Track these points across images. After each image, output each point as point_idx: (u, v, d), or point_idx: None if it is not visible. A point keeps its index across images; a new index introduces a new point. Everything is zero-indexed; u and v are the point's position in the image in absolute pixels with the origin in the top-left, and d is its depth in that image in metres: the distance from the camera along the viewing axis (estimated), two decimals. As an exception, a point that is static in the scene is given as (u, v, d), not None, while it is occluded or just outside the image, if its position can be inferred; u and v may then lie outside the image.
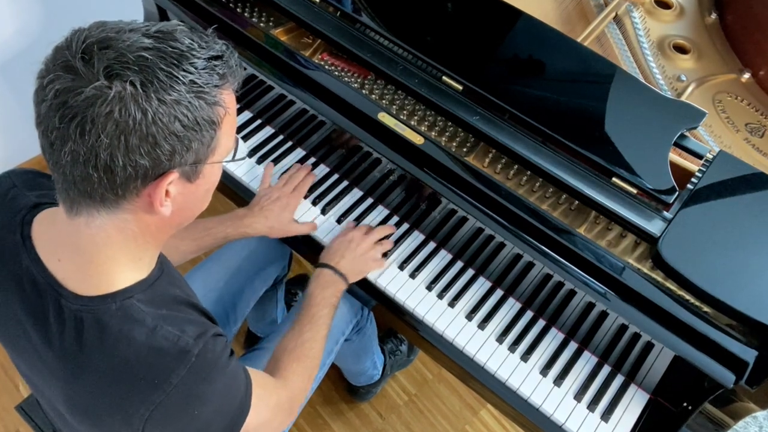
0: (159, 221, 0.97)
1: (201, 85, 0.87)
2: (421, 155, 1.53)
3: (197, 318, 1.06)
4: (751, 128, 1.64)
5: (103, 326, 0.96)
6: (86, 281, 0.97)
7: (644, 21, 1.78)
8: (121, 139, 0.83)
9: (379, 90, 1.68)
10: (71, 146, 0.84)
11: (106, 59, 0.83)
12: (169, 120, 0.85)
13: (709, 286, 1.29)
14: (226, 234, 1.57)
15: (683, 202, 1.40)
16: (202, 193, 1.00)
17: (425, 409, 2.42)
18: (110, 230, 0.94)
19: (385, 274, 1.62)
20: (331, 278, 1.52)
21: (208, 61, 0.89)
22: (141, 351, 0.96)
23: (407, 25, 1.64)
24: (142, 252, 1.00)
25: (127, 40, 0.85)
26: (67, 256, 0.98)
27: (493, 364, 1.51)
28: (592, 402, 1.47)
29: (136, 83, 0.82)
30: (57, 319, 0.98)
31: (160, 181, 0.90)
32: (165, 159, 0.87)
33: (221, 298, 1.71)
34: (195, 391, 0.99)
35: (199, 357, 0.98)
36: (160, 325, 0.98)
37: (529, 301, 1.59)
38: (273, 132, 1.85)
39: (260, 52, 1.71)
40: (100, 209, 0.91)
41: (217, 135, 0.93)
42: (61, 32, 0.88)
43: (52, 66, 0.84)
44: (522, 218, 1.44)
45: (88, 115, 0.82)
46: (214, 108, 0.90)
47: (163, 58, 0.85)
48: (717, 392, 1.32)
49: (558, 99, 1.53)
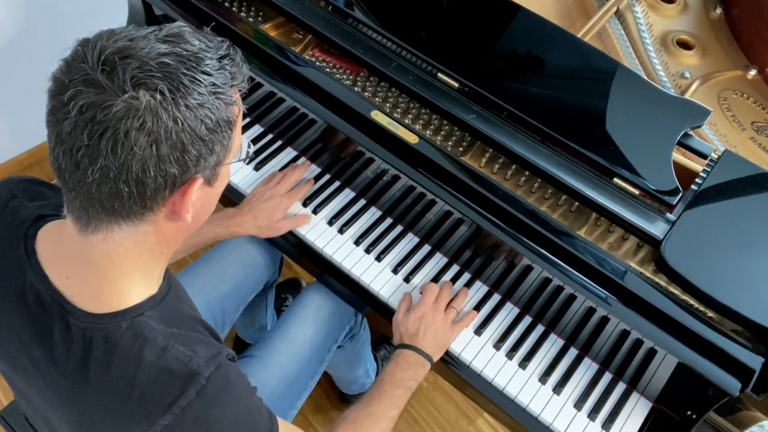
0: (177, 229, 0.97)
1: (220, 86, 0.88)
2: (415, 155, 1.52)
3: (209, 339, 1.05)
4: (758, 127, 1.64)
5: (113, 345, 0.95)
6: (97, 298, 0.97)
7: (647, 16, 1.78)
8: (153, 150, 0.83)
9: (372, 87, 1.68)
10: (102, 163, 0.83)
11: (131, 69, 0.82)
12: (195, 125, 0.85)
13: (714, 290, 1.29)
14: (216, 234, 1.57)
15: (687, 204, 1.39)
16: (216, 195, 1.01)
17: (420, 418, 2.41)
18: (128, 244, 0.93)
19: (378, 278, 1.61)
20: (414, 359, 1.46)
21: (219, 61, 0.90)
22: (151, 371, 0.95)
23: (401, 20, 1.64)
24: (155, 264, 1.00)
25: (145, 47, 0.85)
26: (77, 272, 0.97)
27: (490, 371, 1.51)
28: (593, 411, 1.47)
29: (164, 91, 0.82)
30: (63, 337, 0.97)
31: (187, 188, 0.90)
32: (192, 165, 0.88)
33: (208, 303, 1.70)
34: (204, 415, 0.98)
35: (210, 380, 0.97)
36: (171, 345, 0.97)
37: (528, 306, 1.58)
38: (262, 131, 1.85)
39: (249, 48, 1.70)
40: (122, 224, 0.91)
41: (233, 135, 0.94)
42: (42, 27, 0.87)
43: (69, 81, 0.83)
44: (520, 220, 1.44)
45: (120, 128, 0.81)
46: (231, 108, 0.91)
47: (183, 62, 0.85)
48: (722, 400, 1.32)
49: (557, 97, 1.53)
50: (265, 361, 1.63)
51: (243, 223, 1.60)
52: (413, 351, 1.47)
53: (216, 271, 1.75)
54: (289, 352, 1.64)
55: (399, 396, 1.41)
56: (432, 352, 1.48)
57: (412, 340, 1.49)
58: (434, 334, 1.49)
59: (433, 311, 1.51)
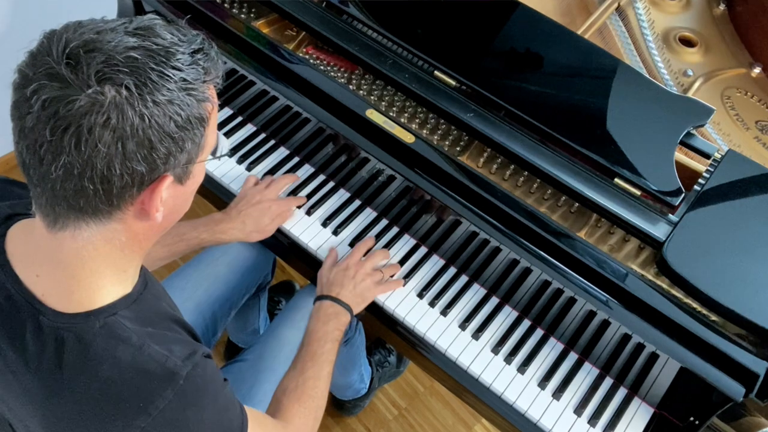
0: (148, 228, 0.97)
1: (191, 82, 0.88)
2: (411, 154, 1.52)
3: (185, 337, 1.05)
4: (762, 126, 1.64)
5: (86, 345, 0.94)
6: (68, 297, 0.96)
7: (648, 12, 1.78)
8: (119, 147, 0.82)
9: (367, 85, 1.67)
10: (65, 159, 0.82)
11: (96, 63, 0.82)
12: (164, 121, 0.85)
13: (718, 293, 1.29)
14: (201, 240, 1.56)
15: (690, 205, 1.39)
16: (189, 194, 1.00)
17: (416, 424, 2.41)
18: (97, 242, 0.93)
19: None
20: (332, 310, 1.50)
21: (192, 56, 0.89)
22: (126, 372, 0.94)
23: (397, 17, 1.64)
24: (127, 263, 0.99)
25: (112, 40, 0.84)
26: (47, 271, 0.96)
27: (488, 376, 1.50)
28: (593, 416, 1.46)
29: (130, 86, 0.82)
30: (35, 338, 0.96)
31: (155, 187, 0.90)
32: (161, 163, 0.87)
33: (200, 307, 1.70)
34: (182, 416, 0.97)
35: (187, 380, 0.97)
36: (147, 344, 0.96)
37: (527, 310, 1.58)
38: (255, 130, 1.84)
39: (241, 45, 1.70)
40: (89, 222, 0.90)
41: (205, 132, 0.93)
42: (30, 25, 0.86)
43: (33, 74, 0.82)
44: (519, 221, 1.44)
45: (84, 124, 0.81)
46: (203, 104, 0.90)
47: (151, 56, 0.85)
48: (726, 406, 1.32)
49: (557, 95, 1.53)
50: (257, 366, 1.63)
51: (230, 230, 1.59)
52: (332, 301, 1.52)
53: (207, 273, 1.74)
54: (282, 355, 1.63)
55: (329, 350, 1.45)
56: (351, 304, 1.52)
57: (331, 290, 1.53)
58: (355, 287, 1.54)
59: (358, 266, 1.57)
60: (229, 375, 1.35)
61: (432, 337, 1.54)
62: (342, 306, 1.51)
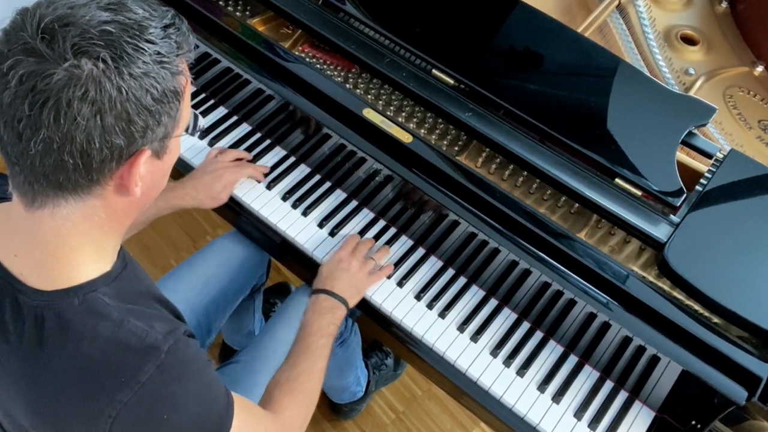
0: (127, 204, 0.98)
1: (165, 55, 0.89)
2: (409, 154, 1.52)
3: (166, 315, 1.06)
4: (765, 125, 1.64)
5: (66, 322, 0.95)
6: (46, 275, 0.97)
7: (649, 10, 1.78)
8: (97, 120, 0.84)
9: (364, 84, 1.67)
10: (44, 134, 0.83)
11: (71, 37, 0.83)
12: (141, 94, 0.86)
13: (720, 295, 1.29)
14: (158, 207, 1.59)
15: (691, 205, 1.39)
16: (167, 169, 1.02)
17: (414, 428, 2.41)
18: (77, 219, 0.94)
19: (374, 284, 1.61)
20: (328, 303, 1.51)
21: (164, 30, 0.91)
22: (106, 347, 0.95)
23: (395, 15, 1.64)
24: (106, 240, 1.00)
25: (85, 15, 0.85)
26: (25, 250, 0.97)
27: (487, 379, 1.50)
28: (594, 420, 1.46)
29: (107, 59, 0.83)
30: (14, 317, 0.97)
31: (134, 160, 0.91)
32: (138, 136, 0.89)
33: (194, 309, 1.69)
34: (165, 392, 0.98)
35: (169, 354, 0.98)
36: (127, 320, 0.97)
37: (526, 312, 1.58)
38: (250, 129, 1.83)
39: (236, 43, 1.69)
40: (69, 198, 0.91)
41: (180, 106, 0.95)
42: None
43: (8, 51, 0.83)
44: (518, 222, 1.44)
45: (62, 98, 0.82)
46: (177, 78, 0.92)
47: (125, 30, 0.86)
48: (728, 409, 1.32)
49: (557, 94, 1.52)
50: (252, 367, 1.63)
51: (184, 196, 1.63)
52: (327, 295, 1.52)
53: (200, 274, 1.74)
54: (277, 356, 1.63)
55: (323, 345, 1.45)
56: (347, 296, 1.53)
57: (325, 284, 1.54)
58: (350, 279, 1.56)
59: (350, 257, 1.58)
60: (223, 377, 1.34)
61: (430, 339, 1.54)
62: (338, 300, 1.52)
